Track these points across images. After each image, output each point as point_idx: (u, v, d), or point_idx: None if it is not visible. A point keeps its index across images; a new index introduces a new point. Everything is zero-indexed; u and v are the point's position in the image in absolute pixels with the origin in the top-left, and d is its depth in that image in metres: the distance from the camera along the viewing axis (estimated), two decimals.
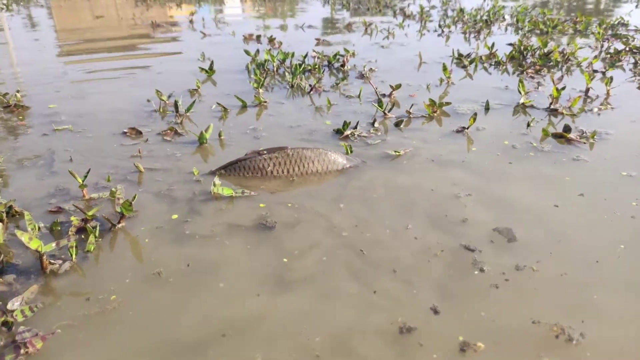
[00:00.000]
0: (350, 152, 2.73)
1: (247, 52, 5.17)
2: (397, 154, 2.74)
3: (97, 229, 1.95)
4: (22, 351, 1.41)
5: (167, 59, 5.57)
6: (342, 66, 4.88)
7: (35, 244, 1.69)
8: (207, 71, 4.62)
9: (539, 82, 4.29)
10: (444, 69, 4.24)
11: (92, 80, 4.51)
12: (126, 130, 3.12)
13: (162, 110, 3.55)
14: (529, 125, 3.16)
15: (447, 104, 3.48)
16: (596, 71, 4.64)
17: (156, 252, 1.87)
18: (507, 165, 2.60)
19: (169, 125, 3.23)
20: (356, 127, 3.07)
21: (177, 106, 3.39)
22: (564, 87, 3.67)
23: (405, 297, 1.61)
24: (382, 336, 1.45)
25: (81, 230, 2.01)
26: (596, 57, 5.09)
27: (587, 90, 3.93)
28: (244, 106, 3.65)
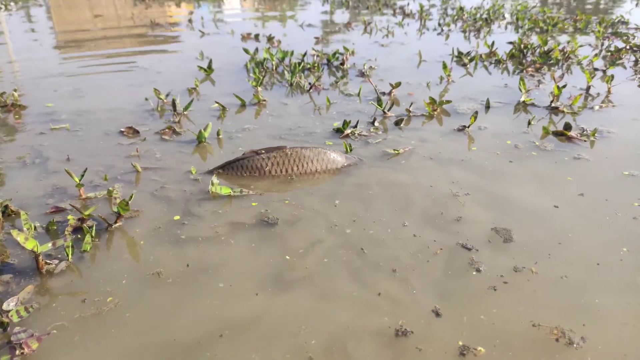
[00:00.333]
0: (350, 150, 2.71)
1: (246, 50, 5.15)
2: (396, 152, 2.72)
3: (94, 228, 1.93)
4: (18, 352, 1.40)
5: (166, 58, 5.54)
6: (342, 64, 4.85)
7: (31, 244, 1.67)
8: (205, 70, 4.60)
9: (540, 80, 4.27)
10: (444, 67, 4.22)
11: (90, 79, 4.49)
12: (124, 129, 3.10)
13: (160, 109, 3.53)
14: (529, 123, 3.14)
15: (447, 102, 3.46)
16: (597, 69, 4.62)
17: (154, 252, 1.85)
18: (508, 164, 2.58)
19: (167, 124, 3.21)
20: (356, 125, 3.05)
21: (175, 105, 3.37)
22: (564, 85, 3.65)
23: (405, 299, 1.60)
24: (378, 337, 1.44)
25: (78, 229, 1.99)
26: (597, 55, 5.07)
27: (588, 88, 3.91)
28: (243, 105, 3.63)
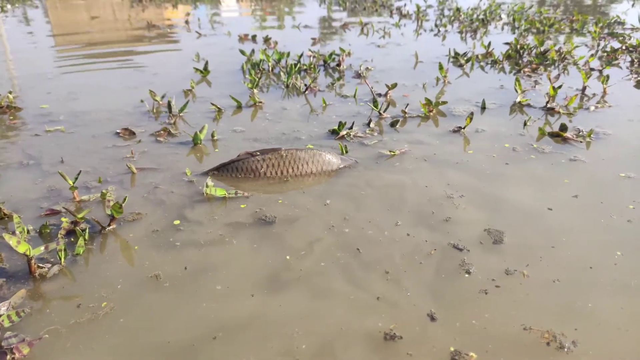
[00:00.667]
0: (345, 152, 2.70)
1: (242, 52, 5.14)
2: (392, 154, 2.71)
3: (87, 231, 1.92)
4: (9, 357, 1.38)
5: (162, 59, 5.53)
6: (338, 66, 4.85)
7: (23, 248, 1.66)
8: (201, 71, 4.59)
9: (536, 81, 4.27)
10: (440, 68, 4.22)
11: (86, 80, 4.47)
12: (119, 130, 3.09)
13: (155, 110, 3.51)
14: (525, 124, 3.14)
15: (443, 103, 3.46)
16: (593, 69, 4.62)
17: (149, 255, 1.84)
18: (503, 165, 2.58)
19: (162, 125, 3.20)
20: (352, 127, 3.04)
21: (170, 107, 3.36)
22: (560, 86, 3.66)
23: (400, 301, 1.59)
24: (369, 338, 1.43)
25: (71, 233, 1.98)
26: (593, 55, 5.08)
27: (584, 88, 3.91)
28: (239, 106, 3.62)
